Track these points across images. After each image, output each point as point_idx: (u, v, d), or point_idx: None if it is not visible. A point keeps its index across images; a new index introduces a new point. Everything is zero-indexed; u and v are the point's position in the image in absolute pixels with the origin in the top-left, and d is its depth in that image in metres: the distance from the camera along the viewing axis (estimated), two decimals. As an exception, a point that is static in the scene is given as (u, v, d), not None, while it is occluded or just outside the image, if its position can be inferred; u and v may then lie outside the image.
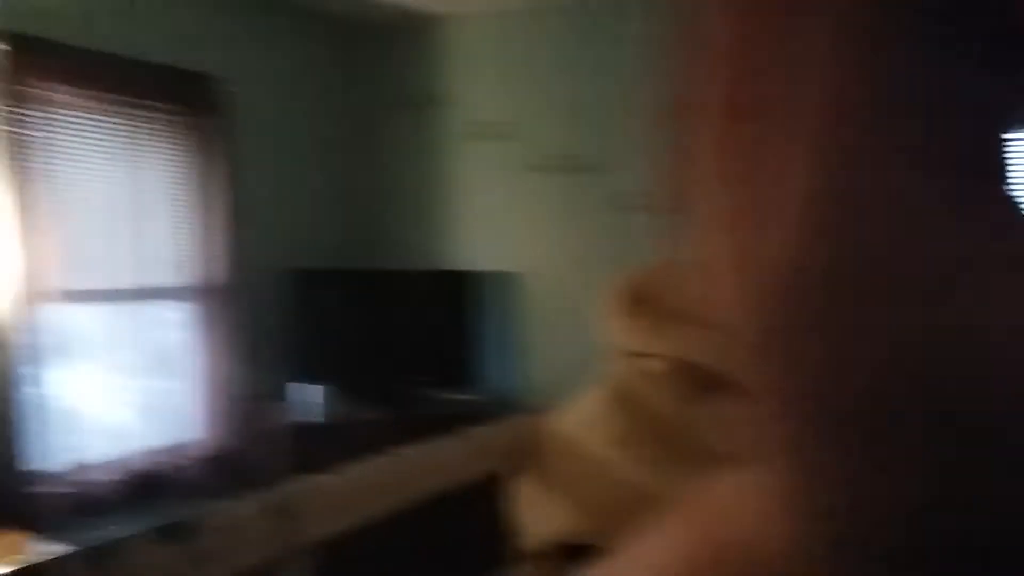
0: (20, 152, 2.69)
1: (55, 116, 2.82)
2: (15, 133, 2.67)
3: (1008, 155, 0.24)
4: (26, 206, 2.71)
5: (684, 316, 1.06)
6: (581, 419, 0.98)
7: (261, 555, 0.76)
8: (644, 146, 3.51)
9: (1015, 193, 0.23)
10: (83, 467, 2.88)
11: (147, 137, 3.13)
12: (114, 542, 0.66)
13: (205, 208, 3.33)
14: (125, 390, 3.08)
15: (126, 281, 3.07)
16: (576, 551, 0.94)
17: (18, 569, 0.63)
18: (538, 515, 0.97)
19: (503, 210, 3.87)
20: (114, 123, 3.02)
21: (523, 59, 3.82)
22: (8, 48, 2.65)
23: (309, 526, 0.77)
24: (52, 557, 0.63)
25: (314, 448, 2.94)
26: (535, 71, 3.79)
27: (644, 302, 1.07)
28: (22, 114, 2.70)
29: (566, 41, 3.73)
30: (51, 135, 2.79)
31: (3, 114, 2.66)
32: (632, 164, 3.58)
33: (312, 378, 3.31)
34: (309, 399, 3.27)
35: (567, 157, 3.71)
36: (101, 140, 2.99)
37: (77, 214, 2.92)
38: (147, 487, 3.06)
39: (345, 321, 3.65)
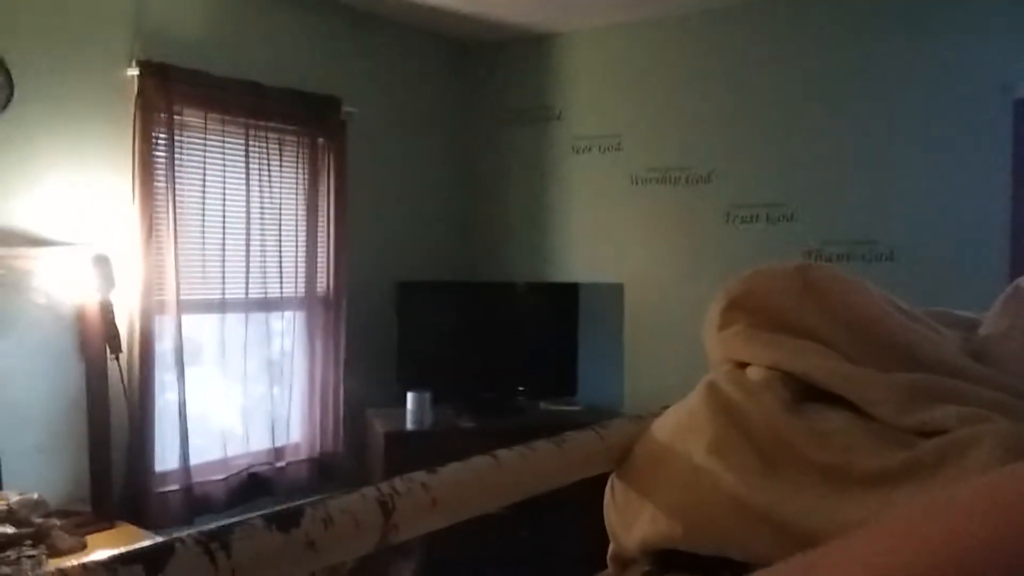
0: (149, 170, 2.85)
1: (182, 137, 2.98)
2: (145, 152, 2.84)
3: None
4: (153, 222, 2.87)
5: (782, 326, 1.05)
6: (679, 426, 0.98)
7: (364, 547, 0.78)
8: (750, 157, 3.47)
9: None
10: (194, 467, 3.01)
11: (269, 156, 3.27)
12: (225, 526, 0.69)
13: (321, 222, 3.45)
14: (236, 395, 3.21)
15: (243, 292, 3.21)
16: (666, 557, 0.93)
17: (134, 549, 0.67)
18: (631, 520, 0.98)
19: (608, 222, 3.87)
20: (237, 143, 3.17)
21: (630, 72, 3.82)
22: (140, 73, 2.83)
23: (410, 522, 0.79)
24: (167, 539, 0.67)
25: (414, 455, 3.00)
26: (642, 84, 3.78)
27: (743, 312, 1.06)
28: (152, 135, 2.86)
29: (673, 54, 3.71)
30: (179, 154, 2.94)
31: (136, 135, 2.83)
32: (737, 175, 3.53)
33: (415, 387, 3.37)
34: (412, 408, 3.33)
35: (673, 169, 3.69)
36: (225, 158, 3.14)
37: (200, 228, 3.08)
38: (251, 488, 3.18)
39: (450, 332, 3.71)
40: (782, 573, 0.43)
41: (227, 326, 3.17)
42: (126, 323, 2.84)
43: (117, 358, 2.77)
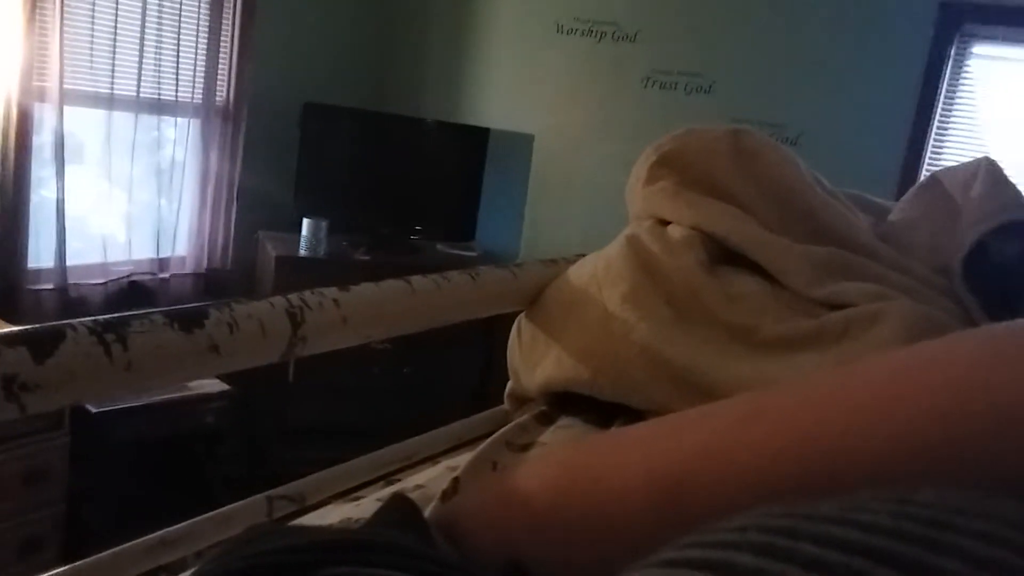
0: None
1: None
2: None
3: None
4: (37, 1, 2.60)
5: (708, 188, 1.04)
6: (595, 274, 0.98)
7: (268, 357, 0.76)
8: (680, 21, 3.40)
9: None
10: (71, 268, 2.88)
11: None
12: (122, 317, 0.65)
13: (225, 27, 3.22)
14: (119, 200, 3.05)
15: (134, 90, 2.99)
16: (563, 399, 0.95)
17: (19, 330, 0.62)
18: (535, 360, 0.98)
19: (527, 70, 3.77)
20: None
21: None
22: None
23: (318, 336, 0.77)
24: (56, 323, 0.62)
25: (305, 281, 2.96)
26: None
27: (672, 169, 1.05)
28: None
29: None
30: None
31: None
32: (662, 39, 3.47)
33: (312, 213, 3.28)
34: (307, 234, 3.25)
35: (601, 23, 3.58)
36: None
37: (90, 11, 2.82)
38: (132, 296, 3.08)
39: (353, 161, 3.60)
40: (724, 412, 0.42)
41: (114, 125, 2.97)
42: (1, 107, 2.62)
43: (-10, 143, 2.56)
